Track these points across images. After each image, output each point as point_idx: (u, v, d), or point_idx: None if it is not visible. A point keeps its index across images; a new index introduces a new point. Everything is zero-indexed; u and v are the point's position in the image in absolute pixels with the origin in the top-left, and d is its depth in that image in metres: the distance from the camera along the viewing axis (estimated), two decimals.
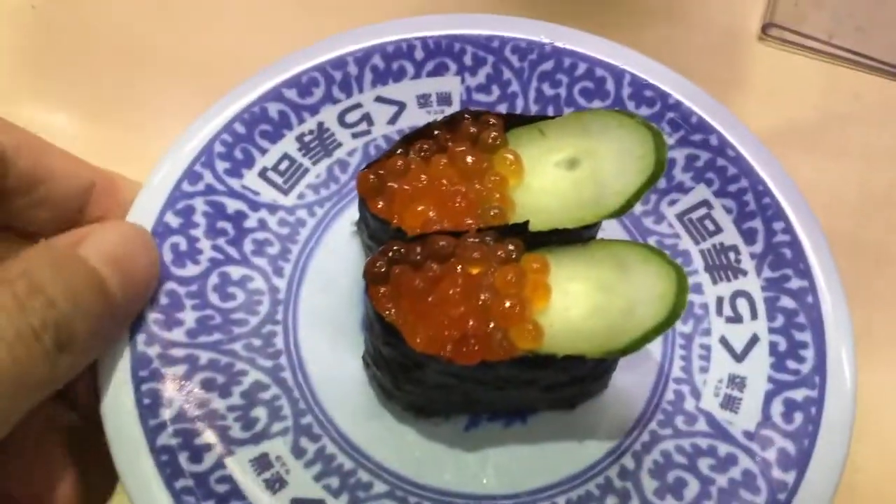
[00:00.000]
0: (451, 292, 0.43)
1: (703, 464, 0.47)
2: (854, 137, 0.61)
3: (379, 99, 0.57)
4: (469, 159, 0.47)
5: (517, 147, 0.48)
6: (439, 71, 0.58)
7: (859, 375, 0.48)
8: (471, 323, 0.43)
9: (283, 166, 0.54)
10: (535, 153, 0.48)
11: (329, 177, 0.55)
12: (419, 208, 0.46)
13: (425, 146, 0.48)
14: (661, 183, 0.55)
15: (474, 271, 0.44)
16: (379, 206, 0.46)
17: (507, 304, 0.43)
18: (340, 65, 0.56)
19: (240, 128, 0.54)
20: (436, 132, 0.48)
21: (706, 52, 0.64)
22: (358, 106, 0.56)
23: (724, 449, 0.47)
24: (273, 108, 0.55)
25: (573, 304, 0.44)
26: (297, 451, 0.47)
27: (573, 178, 0.47)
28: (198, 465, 0.45)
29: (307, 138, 0.55)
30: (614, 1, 0.66)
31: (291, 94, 0.55)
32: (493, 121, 0.48)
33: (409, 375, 0.45)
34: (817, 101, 0.63)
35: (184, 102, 0.54)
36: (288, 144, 0.55)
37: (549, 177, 0.48)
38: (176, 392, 0.46)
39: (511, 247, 0.45)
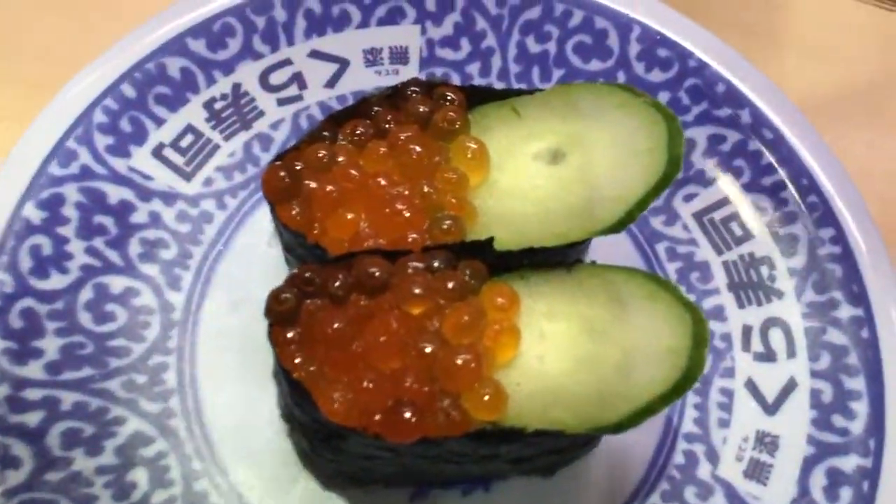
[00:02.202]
0: (381, 339, 0.31)
1: None
2: None
3: (314, 54, 0.45)
4: (415, 151, 0.34)
5: (483, 132, 0.36)
6: (393, 18, 0.45)
7: None
8: (408, 384, 0.31)
9: (185, 142, 0.42)
10: (507, 140, 0.36)
11: (246, 156, 0.43)
12: (347, 216, 0.34)
13: (359, 129, 0.35)
14: None
15: (415, 311, 0.32)
16: (292, 213, 0.34)
17: (459, 360, 0.31)
18: (265, 8, 0.44)
19: (129, 91, 0.42)
20: (374, 110, 0.36)
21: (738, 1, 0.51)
22: (286, 63, 0.44)
23: None
24: (174, 65, 0.43)
25: (551, 352, 0.32)
26: None
27: (556, 175, 0.35)
28: None
29: (218, 105, 0.43)
30: None
31: (199, 45, 0.43)
32: (451, 95, 0.36)
33: (328, 444, 0.33)
34: (877, 59, 0.50)
35: (71, 48, 0.42)
36: (193, 112, 0.43)
37: (525, 174, 0.35)
38: (26, 450, 0.35)
39: (468, 272, 0.33)
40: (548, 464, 0.36)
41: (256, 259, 0.41)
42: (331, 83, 0.44)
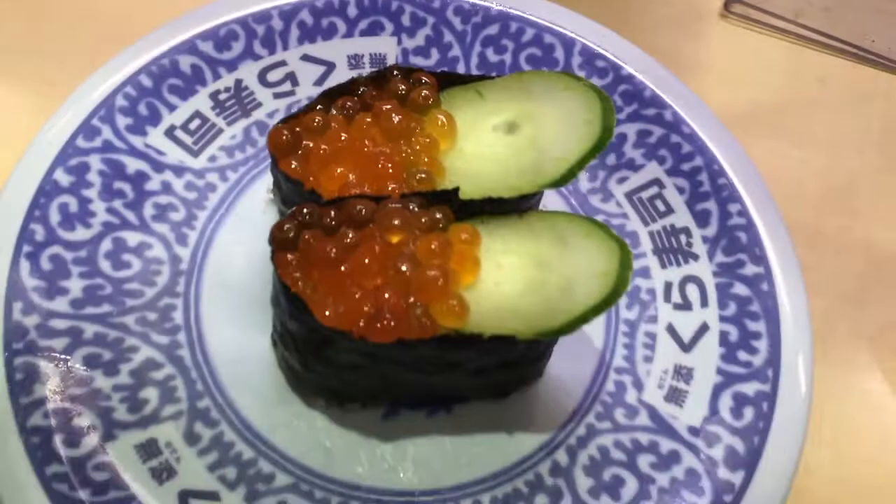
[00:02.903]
0: (366, 261, 0.38)
1: (644, 461, 0.42)
2: (817, 123, 0.58)
3: (306, 57, 0.52)
4: (396, 118, 0.42)
5: (452, 109, 0.43)
6: (374, 30, 0.53)
7: (816, 370, 0.44)
8: (387, 296, 0.38)
9: (193, 125, 0.49)
10: (472, 116, 0.43)
11: (245, 139, 0.50)
12: (337, 170, 0.41)
13: (348, 103, 0.43)
14: (611, 159, 0.51)
15: (394, 239, 0.39)
16: (292, 167, 0.41)
17: (429, 275, 0.38)
18: (264, 18, 0.51)
19: (146, 81, 0.49)
20: (361, 89, 0.43)
21: (665, 28, 0.60)
22: (282, 64, 0.51)
23: (666, 445, 0.43)
24: (185, 62, 0.50)
25: (505, 279, 0.39)
26: (191, 438, 0.41)
27: (511, 142, 0.43)
28: (74, 450, 0.39)
29: (223, 96, 0.50)
30: None
31: (207, 46, 0.50)
32: (425, 79, 0.43)
33: (318, 354, 0.40)
34: (781, 83, 0.59)
35: (90, 52, 0.49)
36: (200, 101, 0.50)
37: (485, 141, 0.43)
38: (54, 367, 0.41)
39: (438, 215, 0.40)
40: (502, 381, 0.43)
41: (252, 223, 0.47)
42: (319, 82, 0.51)
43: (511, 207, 0.41)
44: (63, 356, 0.42)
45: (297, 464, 0.41)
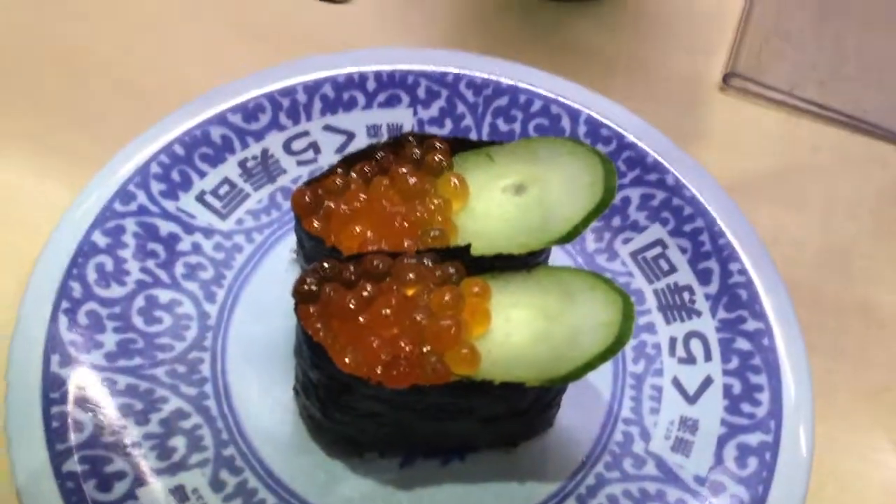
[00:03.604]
0: (383, 312, 0.41)
1: None
2: (813, 189, 0.60)
3: (327, 128, 0.55)
4: (411, 180, 0.45)
5: (464, 171, 0.46)
6: (391, 102, 0.56)
7: (819, 428, 0.46)
8: (403, 345, 0.40)
9: (222, 190, 0.52)
10: (482, 178, 0.46)
11: (271, 203, 0.53)
12: (356, 229, 0.44)
13: (367, 167, 0.46)
14: (616, 221, 0.53)
15: (410, 292, 0.42)
16: (314, 225, 0.44)
17: (443, 325, 0.40)
18: (289, 92, 0.55)
19: (179, 149, 0.52)
20: (379, 154, 0.46)
21: (666, 102, 0.64)
22: (305, 134, 0.55)
23: (673, 494, 0.44)
24: (216, 132, 0.53)
25: (515, 330, 0.42)
26: (216, 485, 0.43)
27: (520, 203, 0.45)
28: (106, 495, 0.42)
29: (250, 164, 0.53)
30: (573, 49, 0.66)
31: (236, 118, 0.54)
32: (439, 144, 0.46)
33: (338, 401, 0.42)
34: (778, 151, 0.62)
35: (126, 125, 0.52)
36: (229, 169, 0.53)
37: (495, 201, 0.46)
38: (88, 417, 0.43)
39: (451, 269, 0.42)
40: (512, 430, 0.45)
41: (276, 281, 0.50)
42: (340, 150, 0.55)
43: (520, 264, 0.44)
44: (97, 406, 0.44)
45: None
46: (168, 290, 0.49)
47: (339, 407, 0.42)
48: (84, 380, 0.44)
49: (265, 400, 0.46)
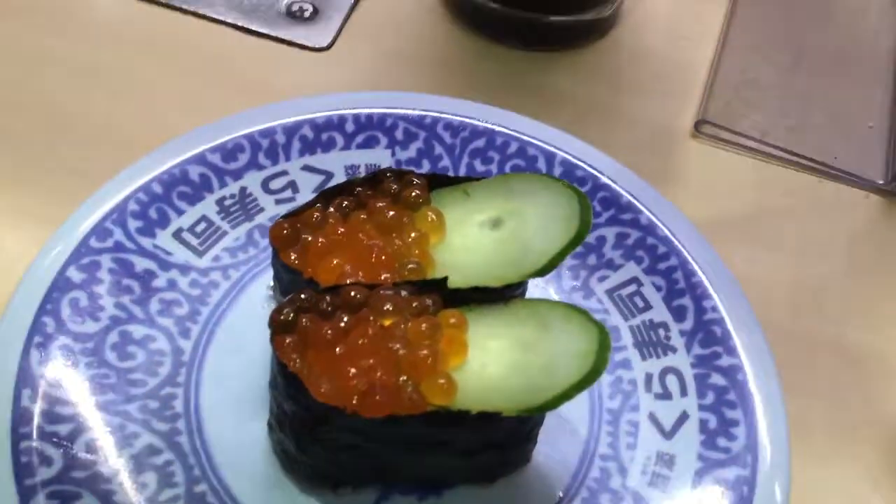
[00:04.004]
0: (360, 342, 0.40)
1: None
2: (787, 231, 0.61)
3: (306, 168, 0.56)
4: (389, 214, 0.45)
5: (441, 207, 0.47)
6: (370, 143, 0.57)
7: (796, 464, 0.46)
8: (379, 374, 0.40)
9: (199, 228, 0.52)
10: (459, 213, 0.47)
11: (248, 241, 0.53)
12: (334, 262, 0.44)
13: (345, 202, 0.46)
14: (591, 259, 0.54)
15: (386, 322, 0.42)
16: (292, 258, 0.44)
17: (419, 354, 0.40)
18: (268, 133, 0.56)
19: (157, 188, 0.52)
20: (357, 189, 0.47)
21: (639, 148, 0.65)
22: (284, 173, 0.55)
23: None
24: (194, 171, 0.53)
25: (492, 361, 0.42)
26: None
27: (496, 237, 0.46)
28: None
29: (228, 202, 0.54)
30: (549, 96, 0.67)
31: (215, 158, 0.54)
32: (416, 180, 0.47)
33: (313, 434, 0.41)
34: (750, 195, 0.63)
35: (107, 168, 0.52)
36: (207, 207, 0.53)
37: (472, 237, 0.46)
38: (59, 452, 0.43)
39: (428, 301, 0.42)
40: (489, 464, 0.44)
41: (252, 317, 0.50)
42: (318, 189, 0.55)
43: (497, 297, 0.44)
44: (67, 441, 0.43)
45: None
46: (142, 325, 0.48)
47: (315, 440, 0.42)
48: (55, 415, 0.44)
49: (239, 435, 0.46)
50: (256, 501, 0.44)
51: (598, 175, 0.56)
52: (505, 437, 0.42)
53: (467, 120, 0.58)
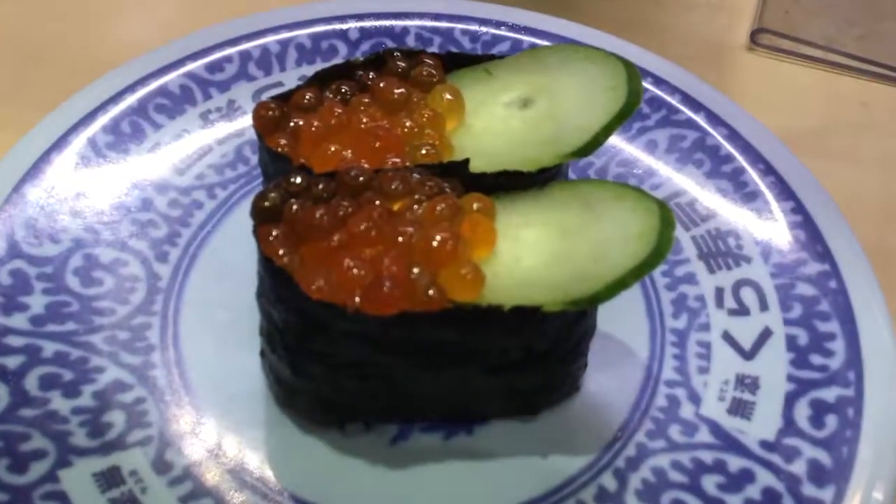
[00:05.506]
0: (362, 227, 0.32)
1: (709, 482, 0.35)
2: (866, 144, 0.53)
3: (303, 79, 0.48)
4: (397, 91, 0.37)
5: (459, 88, 0.39)
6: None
7: None
8: (387, 263, 0.32)
9: (180, 143, 0.45)
10: (481, 94, 0.39)
11: (237, 157, 0.45)
12: (331, 148, 0.36)
13: (343, 87, 0.38)
14: (642, 166, 0.45)
15: (395, 206, 0.33)
16: (280, 143, 0.36)
17: (436, 238, 0.32)
18: (259, 41, 0.48)
19: (130, 99, 0.45)
20: (358, 73, 0.39)
21: (688, 65, 0.56)
22: (278, 84, 0.48)
23: (735, 463, 0.35)
24: (174, 83, 0.46)
25: (527, 253, 0.33)
26: (160, 466, 0.34)
27: (526, 117, 0.38)
28: (18, 477, 0.33)
29: (213, 116, 0.46)
30: (589, 13, 0.59)
31: (198, 68, 0.47)
32: (428, 60, 0.39)
33: (309, 347, 0.33)
34: (821, 109, 0.55)
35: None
36: (190, 121, 0.46)
37: (498, 118, 0.38)
38: (4, 389, 0.35)
39: (445, 184, 0.34)
40: (529, 389, 0.36)
41: (241, 242, 0.42)
42: None
43: (529, 182, 0.36)
44: (13, 376, 0.36)
45: (290, 497, 0.34)
46: (111, 248, 0.41)
47: (312, 356, 0.34)
48: (2, 345, 0.36)
49: (225, 369, 0.38)
50: (246, 443, 0.36)
51: (647, 70, 0.48)
52: (549, 347, 0.34)
53: (489, 26, 0.50)
